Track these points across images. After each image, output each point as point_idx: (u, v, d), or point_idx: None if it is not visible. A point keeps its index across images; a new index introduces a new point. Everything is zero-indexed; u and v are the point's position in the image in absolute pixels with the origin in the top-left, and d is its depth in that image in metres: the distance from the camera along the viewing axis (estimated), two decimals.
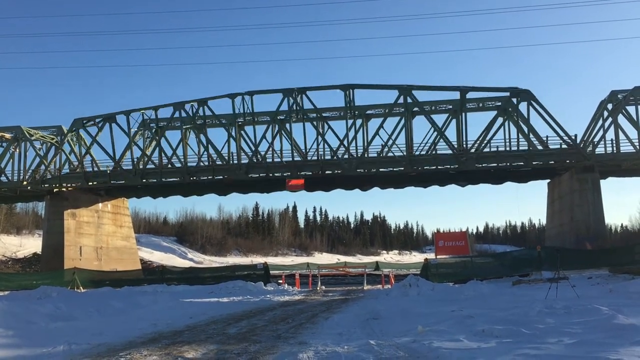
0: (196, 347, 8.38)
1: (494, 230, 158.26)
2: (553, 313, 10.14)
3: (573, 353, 6.66)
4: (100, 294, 19.96)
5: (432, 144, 32.90)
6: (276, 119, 34.49)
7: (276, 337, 9.41)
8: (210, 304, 17.42)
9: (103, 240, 37.97)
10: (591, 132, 32.54)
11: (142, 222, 78.98)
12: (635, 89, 31.26)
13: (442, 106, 34.55)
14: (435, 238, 41.98)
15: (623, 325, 8.26)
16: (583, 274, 22.14)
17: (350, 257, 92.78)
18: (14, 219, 57.02)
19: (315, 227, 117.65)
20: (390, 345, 7.99)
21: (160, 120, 36.37)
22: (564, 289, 15.01)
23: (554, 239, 34.16)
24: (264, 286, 23.74)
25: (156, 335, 9.95)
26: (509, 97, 32.44)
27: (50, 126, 38.59)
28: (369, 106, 35.07)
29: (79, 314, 13.15)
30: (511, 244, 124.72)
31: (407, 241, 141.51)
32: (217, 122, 36.30)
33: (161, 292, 20.74)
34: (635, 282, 16.77)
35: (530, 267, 23.90)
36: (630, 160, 31.45)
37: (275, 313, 14.19)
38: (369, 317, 12.28)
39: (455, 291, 18.65)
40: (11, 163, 37.27)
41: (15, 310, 12.12)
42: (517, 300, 14.17)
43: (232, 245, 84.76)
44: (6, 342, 9.15)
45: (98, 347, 8.52)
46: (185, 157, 36.08)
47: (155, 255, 60.24)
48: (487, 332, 8.50)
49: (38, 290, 19.85)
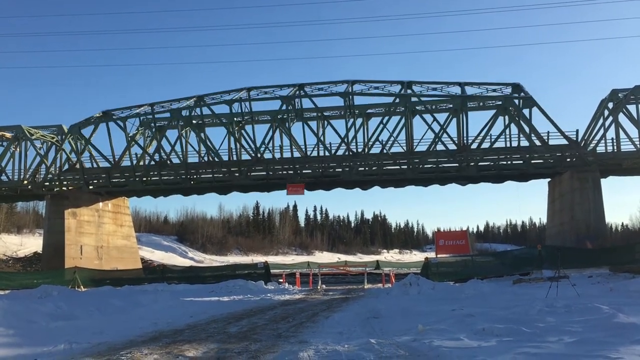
0: (197, 346, 8.39)
1: (495, 229, 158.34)
2: (553, 312, 10.15)
3: (573, 352, 6.67)
4: (100, 293, 19.97)
5: (433, 142, 32.82)
6: (276, 117, 34.44)
7: (277, 336, 9.42)
8: (210, 303, 17.44)
9: (104, 240, 37.99)
10: (592, 131, 32.52)
11: (143, 221, 79.03)
12: (636, 88, 31.22)
13: (443, 105, 34.53)
14: (436, 237, 42.00)
15: (623, 324, 8.27)
16: (583, 273, 22.16)
17: (350, 256, 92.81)
18: (15, 218, 57.10)
19: (316, 226, 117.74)
20: (390, 344, 7.99)
21: (157, 120, 36.36)
22: (565, 288, 15.02)
23: (554, 237, 34.14)
24: (264, 285, 23.78)
25: (157, 334, 9.96)
26: (510, 95, 32.44)
27: (51, 125, 38.61)
28: (370, 105, 35.03)
29: (80, 313, 13.16)
30: (512, 242, 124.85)
31: (407, 240, 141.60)
32: (218, 121, 36.26)
33: (162, 291, 20.77)
34: (636, 281, 16.78)
35: (530, 266, 23.93)
36: (631, 159, 31.42)
37: (276, 312, 14.20)
38: (369, 316, 12.29)
39: (456, 290, 18.67)
40: (12, 162, 37.32)
41: (16, 309, 12.13)
42: (517, 299, 14.19)
43: (232, 244, 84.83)
44: (7, 341, 9.16)
45: (99, 346, 8.53)
46: (186, 158, 35.86)
47: (156, 254, 60.29)
48: (488, 330, 8.50)
49: (39, 289, 19.86)
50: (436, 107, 34.49)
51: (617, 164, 31.88)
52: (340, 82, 33.58)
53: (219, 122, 36.28)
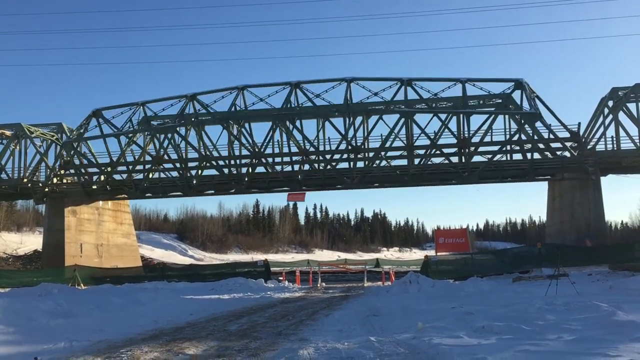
0: (197, 344, 8.40)
1: (494, 227, 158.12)
2: (553, 310, 10.16)
3: (573, 349, 6.67)
4: (100, 290, 19.98)
5: (433, 138, 32.74)
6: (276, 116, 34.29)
7: (277, 334, 9.43)
8: (210, 301, 17.47)
9: (104, 238, 37.99)
10: (592, 129, 32.51)
11: (143, 219, 79.09)
12: (636, 86, 31.18)
13: (443, 103, 34.46)
14: (436, 235, 42.13)
15: (623, 321, 8.28)
16: (583, 271, 22.20)
17: (350, 254, 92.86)
18: (15, 216, 57.15)
19: (316, 224, 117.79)
20: (390, 341, 8.00)
21: (152, 118, 36.36)
22: (564, 286, 15.03)
23: (554, 236, 34.17)
24: (264, 283, 23.81)
25: (157, 332, 9.97)
26: (510, 94, 32.44)
27: (51, 123, 38.56)
28: (369, 103, 34.88)
29: (80, 310, 13.16)
30: (511, 241, 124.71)
31: (407, 238, 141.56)
32: (217, 119, 36.10)
33: (162, 289, 20.78)
34: (635, 279, 16.81)
35: (530, 264, 23.97)
36: (631, 158, 31.40)
37: (276, 310, 14.22)
38: (369, 314, 12.30)
39: (456, 288, 18.68)
40: (11, 160, 37.29)
41: (16, 307, 12.14)
42: (517, 297, 14.19)
43: (232, 242, 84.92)
44: (7, 338, 9.17)
45: (99, 344, 8.54)
46: (186, 167, 35.46)
47: (156, 252, 60.37)
48: (487, 328, 8.51)
49: (39, 287, 19.86)
50: (436, 105, 34.41)
51: (617, 162, 31.86)
52: (338, 81, 33.28)
53: (218, 120, 36.09)
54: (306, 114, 34.12)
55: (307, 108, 33.73)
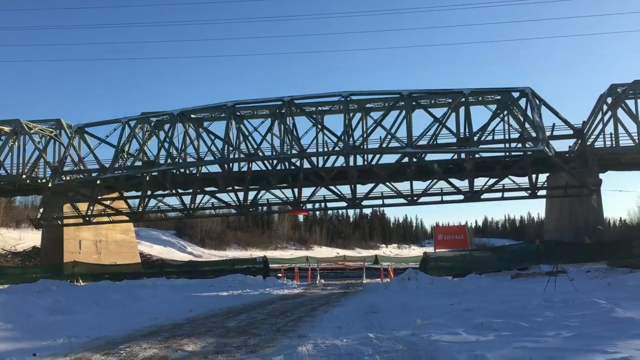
0: (196, 340, 8.40)
1: (493, 224, 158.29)
2: (551, 306, 10.16)
3: (571, 346, 6.68)
4: (99, 287, 19.99)
5: (433, 136, 32.67)
6: (276, 114, 34.15)
7: (275, 331, 9.44)
8: (209, 298, 17.48)
9: (102, 234, 37.96)
10: (590, 126, 32.51)
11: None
12: (635, 83, 31.20)
13: (442, 100, 34.36)
14: (435, 232, 42.09)
15: (621, 318, 8.29)
16: (581, 268, 22.21)
17: (349, 250, 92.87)
18: (13, 212, 57.03)
19: (315, 220, 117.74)
20: (389, 338, 8.00)
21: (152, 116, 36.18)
22: (563, 283, 15.05)
23: (552, 232, 34.23)
24: (263, 280, 23.84)
25: (156, 329, 9.98)
26: (510, 92, 32.37)
27: (49, 119, 38.50)
28: (368, 100, 34.73)
29: (78, 307, 13.16)
30: (510, 237, 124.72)
31: (406, 235, 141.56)
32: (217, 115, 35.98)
33: (161, 286, 20.77)
34: (634, 276, 16.83)
35: (529, 260, 24.00)
36: (630, 154, 31.45)
37: (275, 306, 14.23)
38: (368, 311, 12.31)
39: (454, 285, 18.72)
40: (10, 156, 37.23)
41: (15, 304, 12.14)
42: (515, 294, 14.21)
43: (231, 238, 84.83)
44: (6, 335, 9.17)
45: (97, 340, 8.53)
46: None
47: (155, 249, 60.37)
48: (486, 325, 8.51)
49: (37, 283, 19.90)
50: (435, 101, 34.31)
51: (616, 159, 31.92)
52: (336, 96, 32.82)
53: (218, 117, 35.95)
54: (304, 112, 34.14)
55: (305, 104, 33.75)
